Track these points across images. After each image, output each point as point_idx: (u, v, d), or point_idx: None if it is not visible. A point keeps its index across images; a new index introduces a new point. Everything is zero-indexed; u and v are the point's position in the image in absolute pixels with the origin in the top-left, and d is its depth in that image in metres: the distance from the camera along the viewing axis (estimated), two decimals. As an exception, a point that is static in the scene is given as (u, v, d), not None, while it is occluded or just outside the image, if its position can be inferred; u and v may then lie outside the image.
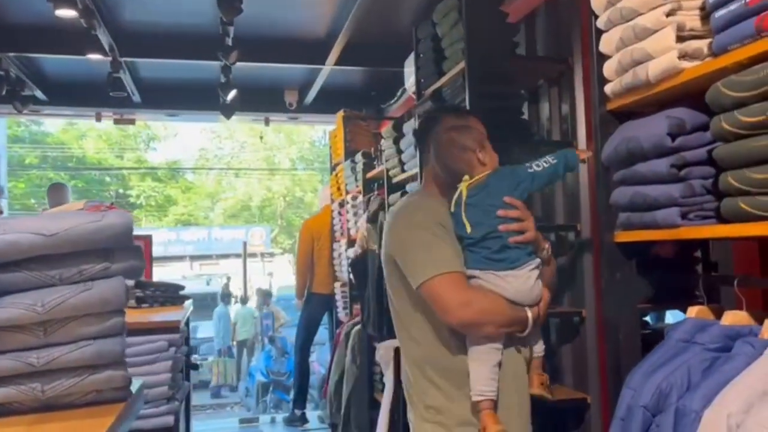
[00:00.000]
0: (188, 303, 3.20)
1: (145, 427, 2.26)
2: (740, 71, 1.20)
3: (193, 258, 24.12)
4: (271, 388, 8.35)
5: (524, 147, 2.68)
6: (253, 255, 24.37)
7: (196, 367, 3.56)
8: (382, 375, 3.68)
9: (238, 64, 4.23)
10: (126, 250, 1.11)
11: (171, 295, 3.09)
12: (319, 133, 23.11)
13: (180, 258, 23.67)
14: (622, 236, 1.58)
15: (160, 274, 19.38)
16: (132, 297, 2.91)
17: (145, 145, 26.66)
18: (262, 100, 5.42)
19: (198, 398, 11.00)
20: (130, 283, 2.89)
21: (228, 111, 4.88)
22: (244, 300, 13.32)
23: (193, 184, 26.94)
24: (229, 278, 21.90)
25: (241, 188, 26.44)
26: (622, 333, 1.58)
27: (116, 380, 1.10)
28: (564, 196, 2.64)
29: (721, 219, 1.31)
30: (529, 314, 1.61)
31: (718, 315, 1.45)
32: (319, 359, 8.53)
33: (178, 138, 29.20)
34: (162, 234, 23.82)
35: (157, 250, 23.85)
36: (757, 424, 1.06)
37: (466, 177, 1.66)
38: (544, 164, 1.66)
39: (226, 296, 11.64)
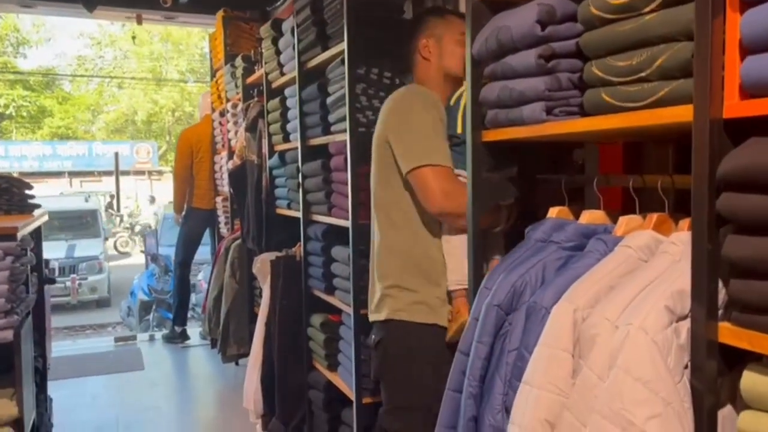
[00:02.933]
0: (40, 212, 2.90)
1: (-19, 343, 2.04)
2: (611, -51, 1.11)
3: (73, 174, 22.65)
4: (153, 307, 8.08)
5: (403, 48, 2.54)
6: (140, 173, 23.25)
7: (52, 281, 3.28)
8: (261, 289, 3.59)
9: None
10: None
11: (17, 203, 2.78)
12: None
13: (58, 174, 22.20)
14: (490, 135, 1.51)
15: (35, 190, 18.10)
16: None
17: (14, 50, 24.21)
18: (132, -6, 4.88)
19: (79, 318, 10.56)
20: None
21: (90, 3, 4.36)
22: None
23: (71, 95, 24.95)
24: (112, 196, 20.80)
25: (125, 101, 24.78)
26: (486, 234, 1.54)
27: None
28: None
29: (586, 114, 1.26)
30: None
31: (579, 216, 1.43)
32: (206, 277, 8.31)
33: (52, 43, 26.68)
34: (36, 148, 22.08)
35: (31, 165, 22.18)
36: (602, 318, 1.04)
37: None
38: None
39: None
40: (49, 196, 15.19)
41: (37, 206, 2.87)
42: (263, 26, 3.48)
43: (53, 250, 11.19)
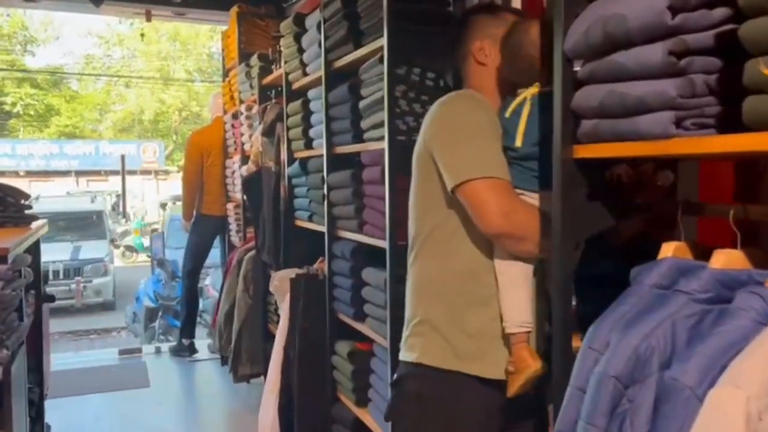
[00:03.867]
0: (38, 224, 2.62)
1: (-36, 383, 1.76)
2: None
3: (79, 173, 22.62)
4: (160, 314, 7.82)
5: (448, 51, 2.25)
6: (147, 172, 23.16)
7: (51, 299, 3.00)
8: (277, 306, 3.31)
9: (106, -64, 3.46)
10: None
11: (12, 215, 2.50)
12: (219, 43, 21.47)
13: (64, 173, 22.17)
14: (585, 150, 1.21)
15: (41, 189, 17.96)
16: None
17: (22, 48, 24.11)
18: (141, -12, 4.61)
19: (83, 322, 10.31)
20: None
21: (97, -3, 4.09)
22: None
23: (78, 94, 24.86)
24: (118, 195, 20.63)
25: (132, 100, 24.64)
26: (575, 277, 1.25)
27: None
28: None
29: (723, 128, 0.97)
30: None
31: (700, 255, 1.14)
32: (213, 283, 8.04)
33: (61, 42, 26.59)
34: (43, 146, 21.98)
35: (38, 164, 22.26)
36: (795, 417, 0.74)
37: (538, 83, 1.46)
38: None
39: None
40: (55, 197, 15.01)
41: (35, 218, 2.58)
42: (284, 22, 3.20)
43: (58, 252, 10.99)
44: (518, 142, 1.44)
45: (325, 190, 2.65)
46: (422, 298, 1.57)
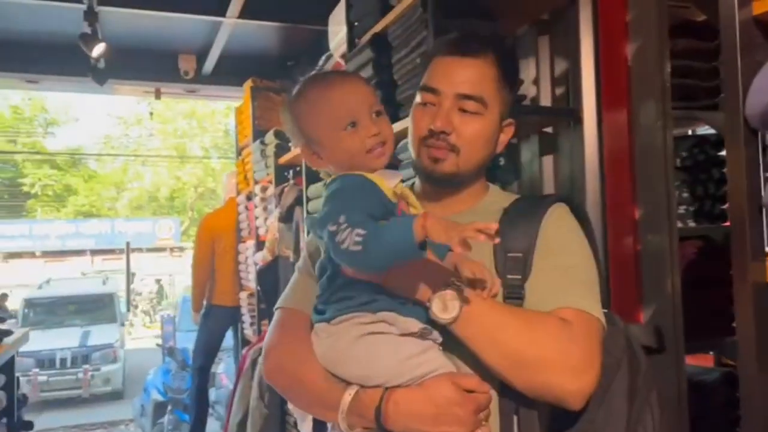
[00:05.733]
0: (12, 339, 2.19)
1: None
2: None
3: (95, 252, 22.55)
4: (169, 408, 7.24)
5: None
6: (161, 249, 23.10)
7: (29, 426, 2.52)
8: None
9: (110, 13, 3.20)
10: None
11: (-21, 329, 2.08)
12: (234, 119, 21.65)
13: (80, 253, 22.15)
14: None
15: (56, 270, 17.73)
16: None
17: (43, 131, 24.61)
18: (149, 65, 4.35)
19: (90, 415, 9.73)
20: None
21: (100, 76, 3.81)
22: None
23: (96, 173, 25.17)
24: (133, 274, 20.39)
25: (149, 178, 24.86)
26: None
27: None
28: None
29: None
30: (348, 397, 0.93)
31: None
32: (226, 370, 7.52)
33: (81, 123, 27.27)
34: (59, 226, 22.00)
35: (54, 244, 22.34)
36: None
37: None
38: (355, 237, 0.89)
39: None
40: (67, 278, 14.68)
41: (7, 333, 2.16)
42: (303, 93, 2.85)
43: (66, 338, 10.56)
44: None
45: (355, 289, 2.20)
46: None
